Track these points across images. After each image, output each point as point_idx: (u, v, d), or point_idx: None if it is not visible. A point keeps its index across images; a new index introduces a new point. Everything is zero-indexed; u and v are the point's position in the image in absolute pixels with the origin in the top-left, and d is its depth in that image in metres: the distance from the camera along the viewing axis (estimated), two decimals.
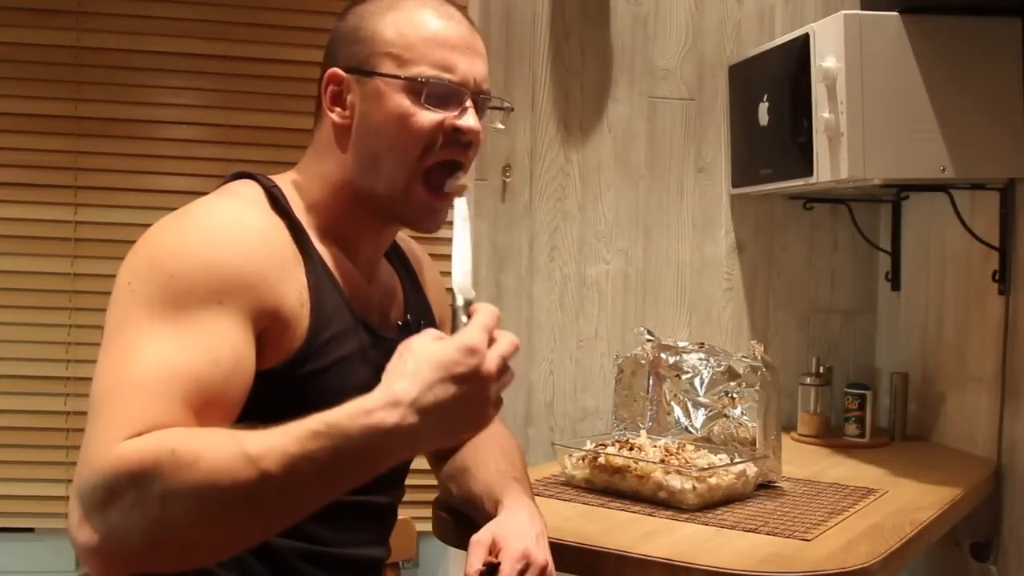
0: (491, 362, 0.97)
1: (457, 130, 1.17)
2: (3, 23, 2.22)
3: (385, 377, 0.97)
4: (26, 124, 2.24)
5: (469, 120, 1.18)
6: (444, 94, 1.17)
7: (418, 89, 1.16)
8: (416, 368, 0.95)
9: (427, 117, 1.16)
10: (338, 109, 1.19)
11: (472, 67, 1.19)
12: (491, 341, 0.99)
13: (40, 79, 2.24)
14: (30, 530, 2.30)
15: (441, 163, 1.19)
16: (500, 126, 1.29)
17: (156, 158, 2.28)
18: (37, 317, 2.25)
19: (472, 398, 0.96)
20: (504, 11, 2.36)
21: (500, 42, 2.35)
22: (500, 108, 1.27)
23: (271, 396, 1.06)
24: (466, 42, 1.19)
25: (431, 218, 1.22)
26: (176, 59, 2.28)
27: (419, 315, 1.32)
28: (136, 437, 0.92)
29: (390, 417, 0.93)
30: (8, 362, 2.24)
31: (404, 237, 1.44)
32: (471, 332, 0.97)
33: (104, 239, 2.25)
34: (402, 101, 1.16)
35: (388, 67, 1.17)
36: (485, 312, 1.00)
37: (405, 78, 1.16)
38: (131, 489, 0.89)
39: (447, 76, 1.16)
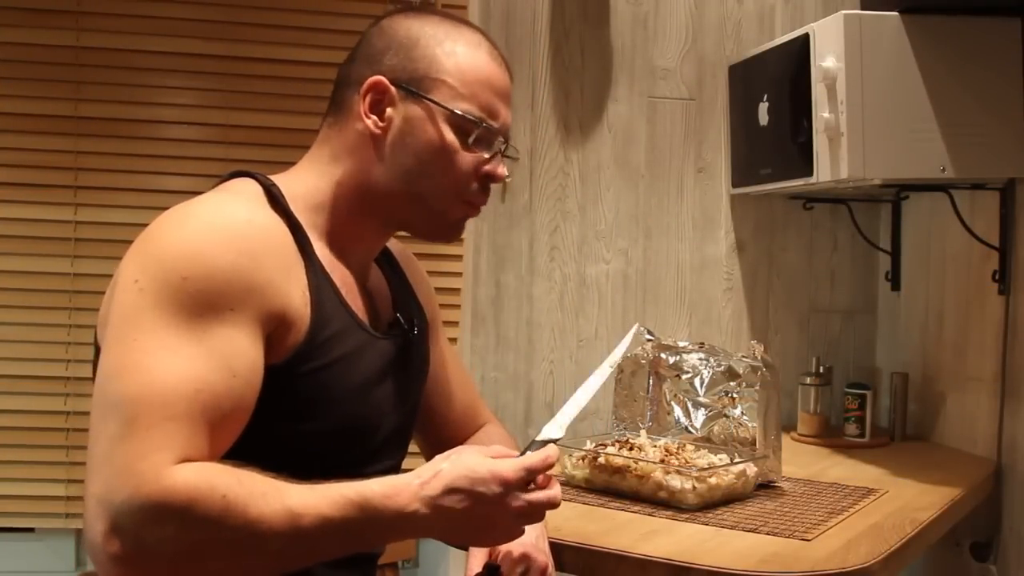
0: (516, 500, 1.05)
1: (489, 176, 1.21)
2: (3, 23, 2.22)
3: (428, 464, 1.07)
4: (26, 124, 2.24)
5: (501, 169, 1.22)
6: (487, 139, 1.20)
7: (467, 128, 1.18)
8: (448, 471, 1.04)
9: (468, 158, 1.19)
10: (374, 118, 1.18)
11: (508, 116, 1.24)
12: (537, 484, 1.08)
13: (40, 79, 2.24)
14: (30, 530, 2.30)
15: (477, 203, 1.23)
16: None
17: (156, 158, 2.28)
18: (37, 317, 2.25)
19: (484, 521, 1.05)
20: (504, 11, 2.36)
21: (500, 42, 2.31)
22: (511, 158, 1.29)
23: (272, 392, 1.07)
24: (508, 89, 1.24)
25: (455, 233, 1.25)
26: (176, 59, 2.28)
27: (410, 314, 1.32)
28: (180, 466, 0.94)
29: (411, 505, 1.02)
30: (8, 362, 2.24)
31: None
32: (510, 465, 1.05)
33: (104, 239, 2.25)
34: (448, 134, 1.17)
35: (442, 96, 1.17)
36: (539, 455, 1.08)
37: (459, 113, 1.17)
38: (175, 522, 0.93)
39: (493, 123, 1.20)
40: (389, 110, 1.17)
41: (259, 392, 1.04)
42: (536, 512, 1.07)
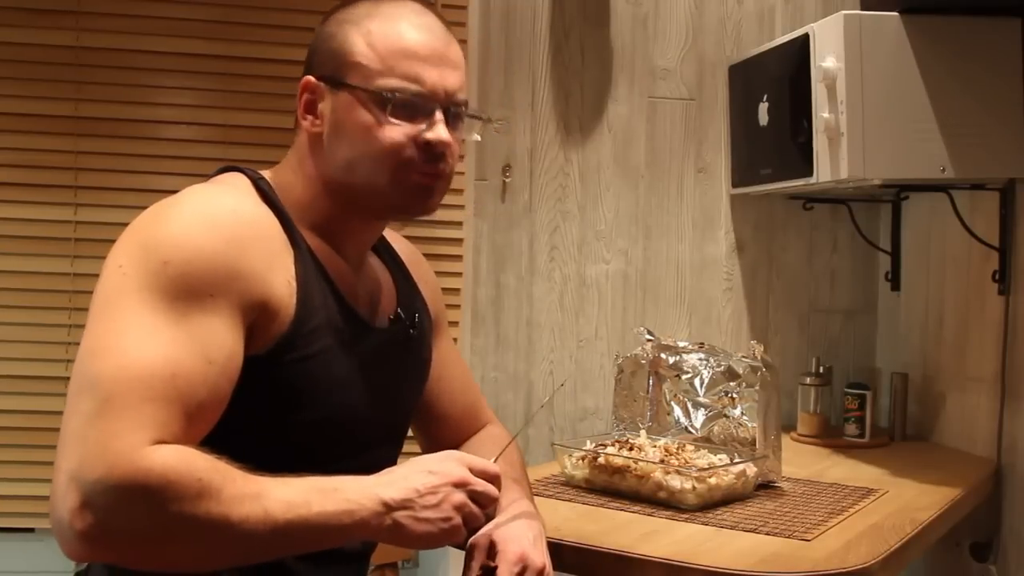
0: (461, 471, 1.12)
1: (428, 144, 1.16)
2: (3, 23, 2.22)
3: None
4: (26, 124, 2.24)
5: (439, 132, 1.17)
6: (411, 106, 1.16)
7: (384, 102, 1.15)
8: (407, 462, 1.14)
9: (394, 131, 1.15)
10: (310, 118, 1.19)
11: (443, 78, 1.18)
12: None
13: (40, 79, 2.24)
14: (30, 530, 2.30)
15: (423, 172, 1.18)
16: (477, 137, 1.27)
17: (156, 158, 2.28)
18: (37, 317, 2.25)
19: (433, 487, 1.09)
20: (504, 11, 2.35)
21: (500, 42, 2.35)
22: (478, 119, 1.25)
23: (255, 382, 1.08)
24: (437, 53, 1.18)
25: (423, 200, 1.20)
26: (176, 59, 2.28)
27: (412, 309, 1.32)
28: (157, 447, 0.95)
29: (371, 488, 1.06)
30: (8, 362, 2.24)
31: (396, 236, 1.44)
32: (462, 453, 1.18)
33: (104, 239, 2.25)
34: (368, 114, 1.15)
35: (356, 78, 1.16)
36: (482, 460, 1.17)
37: (370, 90, 1.15)
38: (148, 502, 0.93)
39: (413, 88, 1.16)
40: (321, 106, 1.19)
41: (237, 381, 1.05)
42: (477, 488, 1.12)
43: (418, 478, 1.08)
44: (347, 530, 1.04)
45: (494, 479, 1.14)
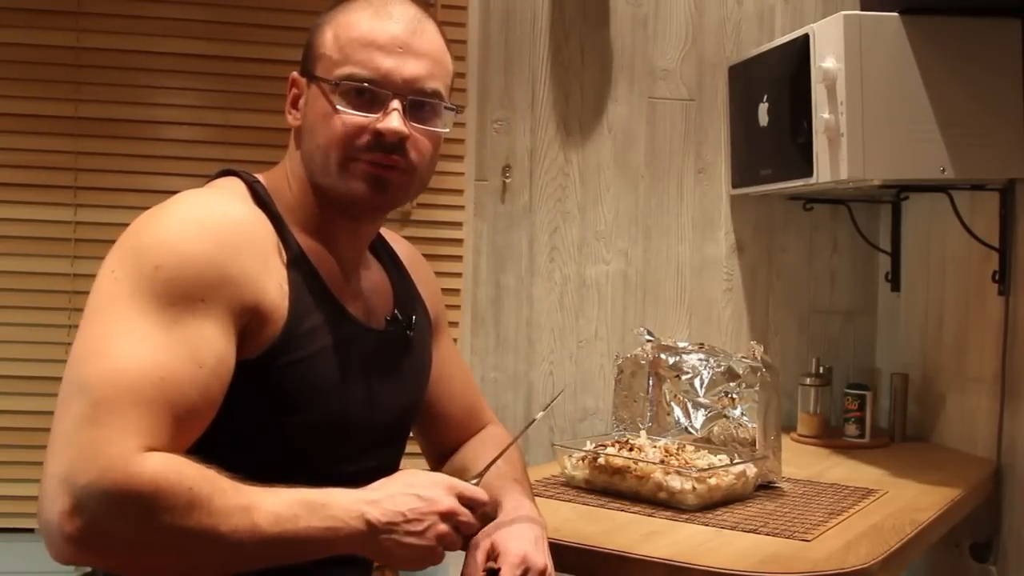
0: (450, 501, 1.09)
1: (378, 133, 1.15)
2: (3, 23, 2.22)
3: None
4: (26, 124, 2.24)
5: (389, 122, 1.15)
6: (365, 95, 1.16)
7: (343, 90, 1.16)
8: (396, 475, 1.12)
9: (343, 119, 1.16)
10: (294, 112, 1.23)
11: (401, 67, 1.16)
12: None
13: (40, 79, 2.24)
14: (30, 530, 2.30)
15: (371, 161, 1.16)
16: (444, 129, 1.23)
17: (156, 158, 2.28)
18: (37, 317, 2.25)
19: (420, 515, 1.07)
20: (504, 11, 2.35)
21: (500, 42, 2.35)
22: (451, 109, 1.22)
23: (249, 386, 1.08)
24: (397, 42, 1.16)
25: (377, 192, 1.18)
26: (176, 59, 2.28)
27: (410, 311, 1.32)
28: (148, 454, 0.95)
29: (356, 505, 1.05)
30: (8, 362, 2.24)
31: (395, 237, 1.44)
32: (452, 479, 1.13)
33: (104, 239, 2.24)
34: (326, 104, 1.17)
35: (321, 70, 1.18)
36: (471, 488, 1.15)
37: (328, 80, 1.17)
38: (138, 509, 0.93)
39: (363, 74, 1.15)
40: (301, 100, 1.22)
41: (228, 385, 1.05)
42: (462, 519, 1.10)
43: (406, 501, 1.07)
44: (332, 545, 1.04)
45: (480, 507, 1.13)
